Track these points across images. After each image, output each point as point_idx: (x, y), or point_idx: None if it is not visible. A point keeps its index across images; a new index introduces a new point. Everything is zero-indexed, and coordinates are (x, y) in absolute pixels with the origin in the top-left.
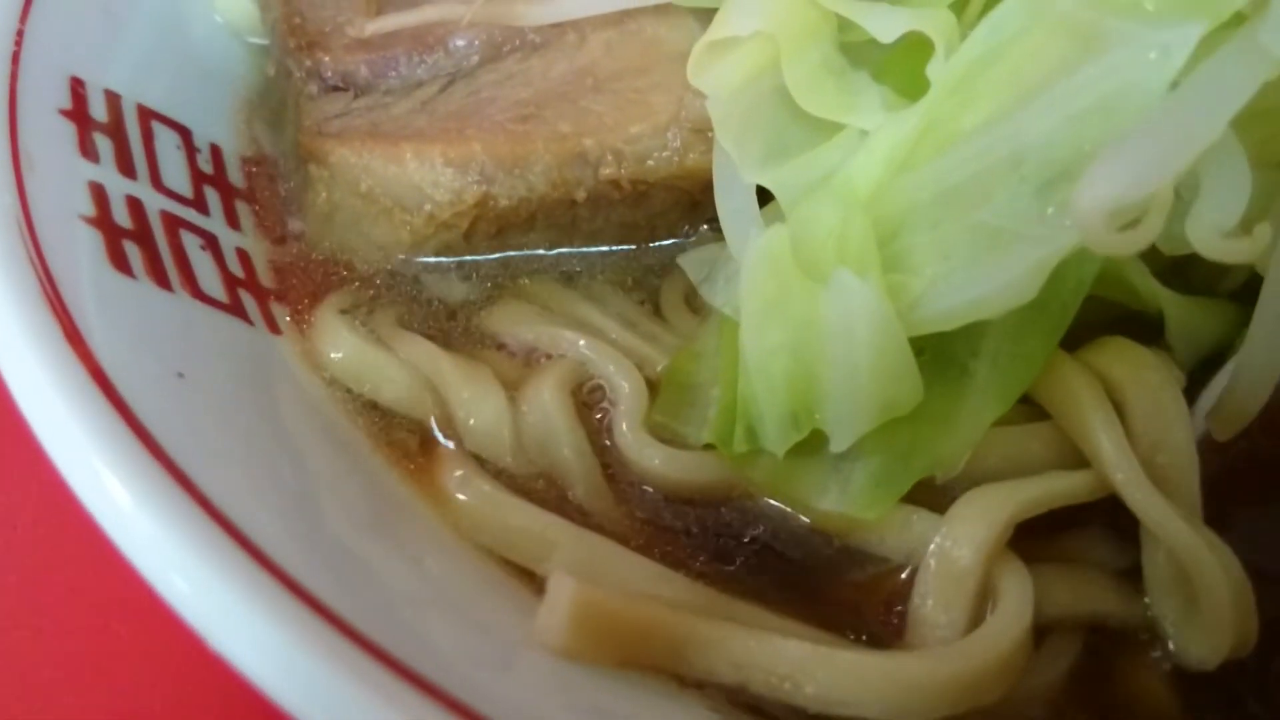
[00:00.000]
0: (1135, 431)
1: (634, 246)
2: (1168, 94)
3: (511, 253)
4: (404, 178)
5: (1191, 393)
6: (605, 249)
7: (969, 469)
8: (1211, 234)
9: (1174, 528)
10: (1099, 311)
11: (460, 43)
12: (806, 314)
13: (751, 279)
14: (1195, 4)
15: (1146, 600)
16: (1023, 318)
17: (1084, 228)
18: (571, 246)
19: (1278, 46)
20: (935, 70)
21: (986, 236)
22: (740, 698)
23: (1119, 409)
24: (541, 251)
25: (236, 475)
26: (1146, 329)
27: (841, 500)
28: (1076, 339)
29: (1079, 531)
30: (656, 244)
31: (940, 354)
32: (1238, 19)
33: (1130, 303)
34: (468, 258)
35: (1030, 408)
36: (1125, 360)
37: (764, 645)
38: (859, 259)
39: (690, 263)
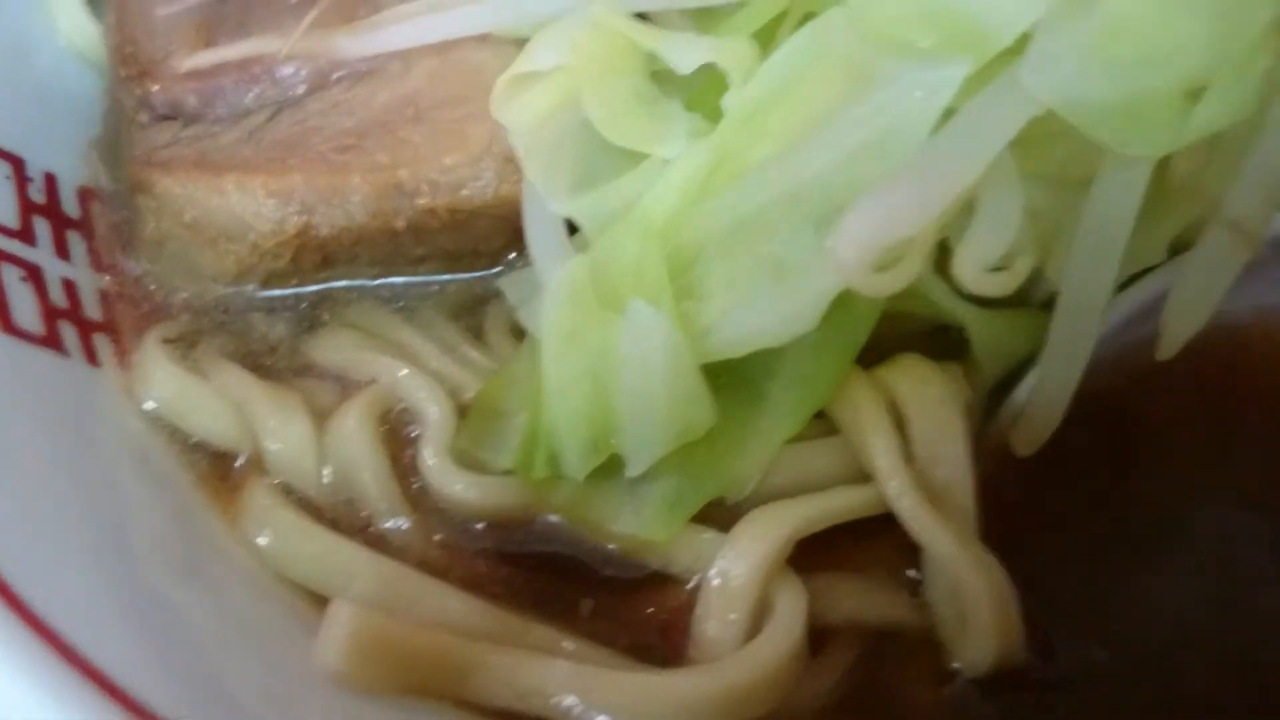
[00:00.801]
0: (915, 446)
1: (464, 273)
2: (931, 135)
3: (338, 281)
4: (227, 208)
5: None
6: (434, 276)
7: (761, 487)
8: (974, 269)
9: (937, 539)
10: (908, 325)
11: (287, 71)
12: (604, 343)
13: (552, 310)
14: (961, 44)
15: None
16: (818, 340)
17: (842, 271)
18: (399, 274)
19: (1039, 87)
20: (729, 101)
21: (771, 268)
22: None
23: (903, 425)
24: (368, 280)
25: (29, 529)
26: (960, 341)
27: (635, 522)
28: (886, 354)
29: (873, 540)
30: (485, 270)
31: (737, 377)
32: (1015, 50)
33: (933, 317)
34: (294, 289)
35: (826, 423)
36: (910, 376)
37: (545, 670)
38: (654, 289)
39: (511, 286)
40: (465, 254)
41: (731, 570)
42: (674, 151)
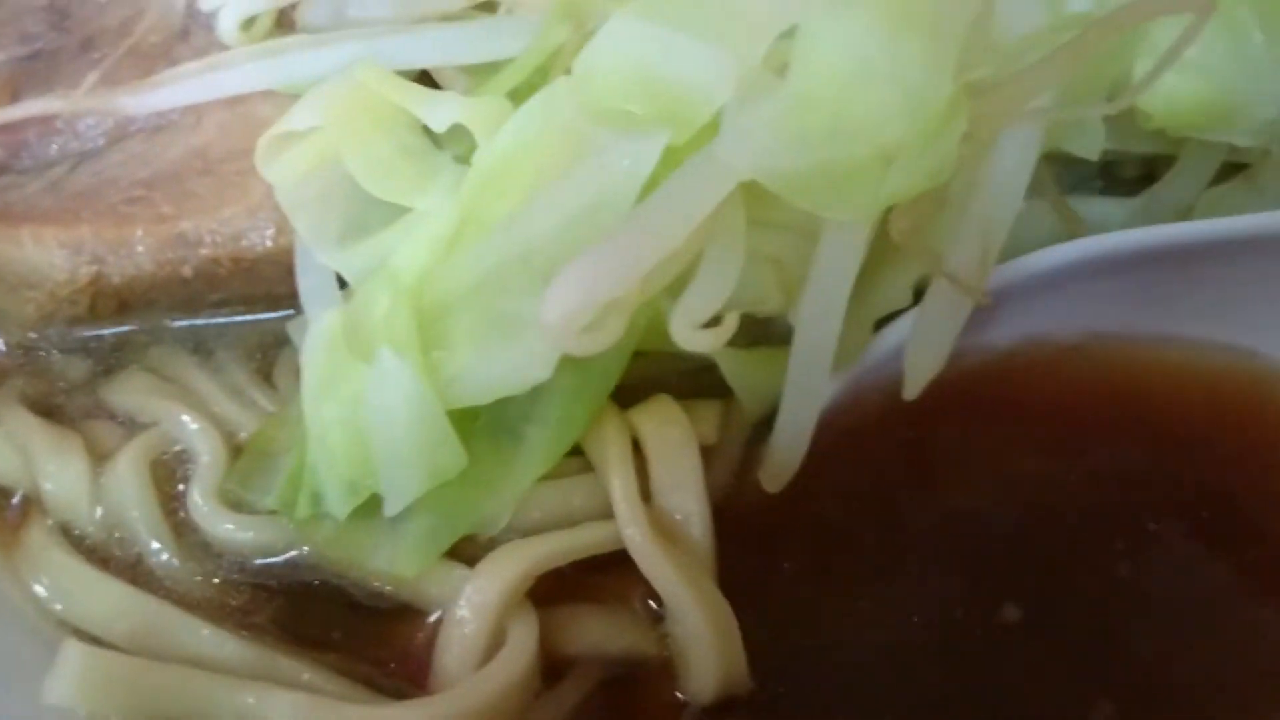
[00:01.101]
0: (655, 485)
1: (263, 314)
2: (635, 204)
3: (138, 325)
4: (24, 258)
5: None
6: (234, 319)
7: (516, 522)
8: (686, 326)
9: (662, 574)
10: (675, 364)
11: (88, 124)
12: (356, 391)
13: (309, 358)
14: (667, 116)
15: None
16: (570, 384)
17: (549, 334)
18: (199, 317)
19: (734, 158)
20: (475, 160)
21: (507, 322)
22: None
23: (645, 464)
24: (169, 323)
25: None
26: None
27: (391, 559)
28: (656, 392)
29: (620, 574)
30: (283, 312)
31: (495, 420)
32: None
33: (691, 356)
34: (96, 332)
35: (587, 461)
36: (654, 417)
37: (274, 703)
38: (402, 341)
39: (296, 330)
40: (261, 298)
41: (470, 603)
42: (435, 204)
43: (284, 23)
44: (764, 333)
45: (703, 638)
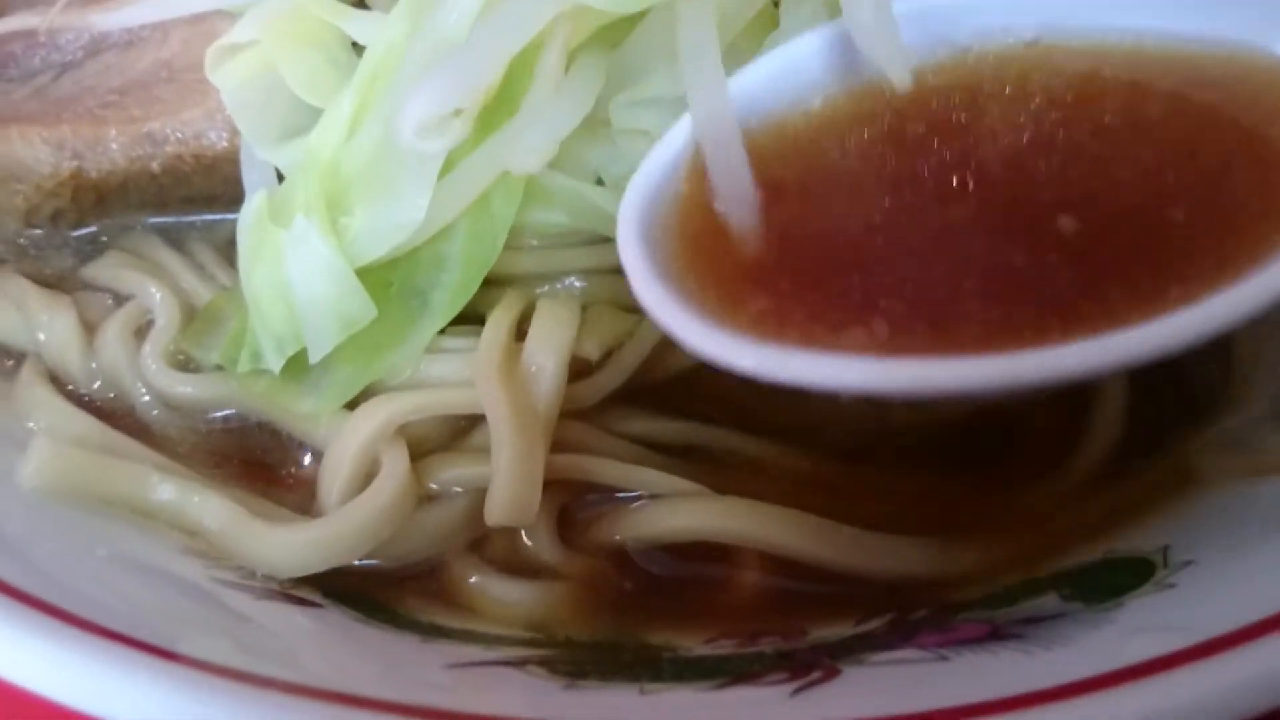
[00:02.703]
0: (528, 343)
1: (224, 213)
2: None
3: (117, 218)
4: (12, 154)
5: None
6: (202, 216)
7: (417, 377)
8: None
9: (490, 404)
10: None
11: (69, 38)
12: (278, 256)
13: (242, 233)
14: None
15: None
16: (466, 252)
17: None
18: (170, 214)
19: None
20: (363, 59)
21: (389, 182)
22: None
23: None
24: (145, 218)
25: None
26: None
27: (315, 403)
28: None
29: None
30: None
31: (405, 287)
32: None
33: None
34: (78, 223)
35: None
36: (551, 297)
37: (201, 502)
38: (313, 209)
39: None
40: (222, 197)
41: (346, 438)
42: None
43: None
44: None
45: (503, 470)
